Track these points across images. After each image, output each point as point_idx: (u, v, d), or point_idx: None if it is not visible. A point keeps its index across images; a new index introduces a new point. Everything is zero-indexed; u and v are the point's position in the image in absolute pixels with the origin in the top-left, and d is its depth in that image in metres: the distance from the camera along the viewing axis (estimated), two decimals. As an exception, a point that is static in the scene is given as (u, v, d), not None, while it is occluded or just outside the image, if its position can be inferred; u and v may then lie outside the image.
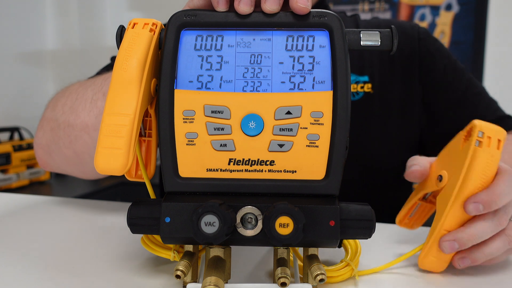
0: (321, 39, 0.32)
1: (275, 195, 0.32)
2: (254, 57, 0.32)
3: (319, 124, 0.32)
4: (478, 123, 0.38)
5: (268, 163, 0.32)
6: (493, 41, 1.61)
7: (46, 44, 2.22)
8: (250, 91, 0.32)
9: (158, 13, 2.31)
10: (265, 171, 0.32)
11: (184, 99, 0.32)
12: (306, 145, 0.32)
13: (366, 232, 0.31)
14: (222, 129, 0.32)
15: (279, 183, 0.32)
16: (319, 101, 0.32)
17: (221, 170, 0.32)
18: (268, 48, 0.32)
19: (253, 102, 0.32)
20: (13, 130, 1.87)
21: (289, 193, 0.32)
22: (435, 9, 1.70)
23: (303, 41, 0.32)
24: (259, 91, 0.32)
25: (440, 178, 0.39)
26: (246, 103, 0.32)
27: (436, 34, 1.65)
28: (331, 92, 0.32)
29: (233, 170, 0.32)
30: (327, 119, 0.32)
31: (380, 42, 0.33)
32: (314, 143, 0.32)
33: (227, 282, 0.33)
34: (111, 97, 0.30)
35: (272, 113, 0.32)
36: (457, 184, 0.37)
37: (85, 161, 0.56)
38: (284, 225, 0.28)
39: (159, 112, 0.32)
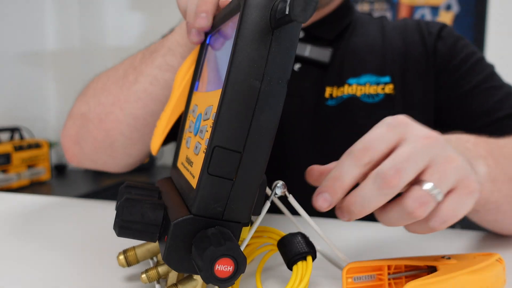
0: None
1: None
2: None
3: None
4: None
5: None
6: (493, 41, 1.61)
7: (46, 44, 2.22)
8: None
9: (158, 13, 2.31)
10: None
11: None
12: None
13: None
14: None
15: None
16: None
17: None
18: None
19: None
20: (13, 130, 1.88)
21: None
22: (434, 9, 1.70)
23: None
24: None
25: None
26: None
27: (436, 34, 1.65)
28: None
29: None
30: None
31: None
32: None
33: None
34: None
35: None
36: None
37: (116, 140, 0.55)
38: None
39: None
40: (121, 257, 0.35)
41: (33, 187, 1.82)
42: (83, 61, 2.26)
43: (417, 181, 0.29)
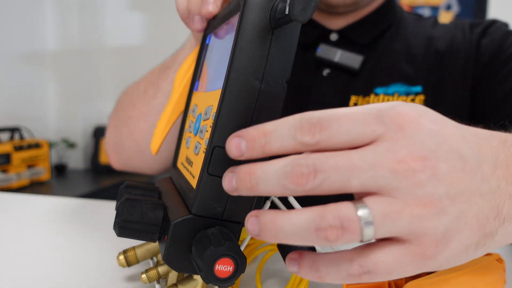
0: None
1: None
2: None
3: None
4: None
5: None
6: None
7: (46, 44, 2.22)
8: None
9: (158, 13, 2.31)
10: None
11: None
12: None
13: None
14: None
15: None
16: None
17: None
18: None
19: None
20: (13, 130, 1.88)
21: None
22: (434, 9, 1.70)
23: None
24: None
25: None
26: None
27: (436, 34, 1.66)
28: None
29: None
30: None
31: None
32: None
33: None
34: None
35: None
36: None
37: (145, 149, 0.60)
38: None
39: None
40: (121, 257, 0.35)
41: (33, 187, 1.82)
42: (83, 61, 2.26)
43: (358, 197, 0.21)
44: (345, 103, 0.61)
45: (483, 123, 0.52)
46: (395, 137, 0.20)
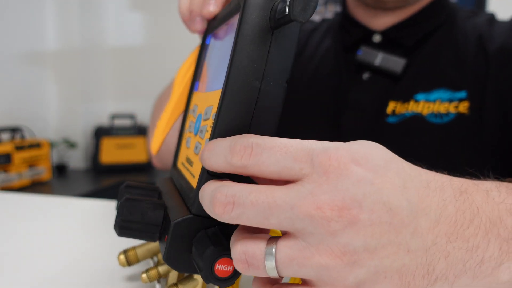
0: None
1: None
2: None
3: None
4: None
5: None
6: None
7: (47, 44, 2.22)
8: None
9: (158, 13, 2.31)
10: None
11: None
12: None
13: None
14: None
15: None
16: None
17: None
18: None
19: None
20: (14, 130, 1.88)
21: None
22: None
23: None
24: None
25: None
26: None
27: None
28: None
29: None
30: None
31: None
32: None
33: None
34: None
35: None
36: None
37: (167, 159, 0.63)
38: None
39: None
40: (122, 256, 0.35)
41: (34, 187, 1.82)
42: (84, 61, 2.26)
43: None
44: (383, 109, 0.57)
45: None
46: (319, 181, 0.19)
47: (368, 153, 0.20)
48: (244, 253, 0.21)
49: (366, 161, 0.20)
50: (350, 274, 0.19)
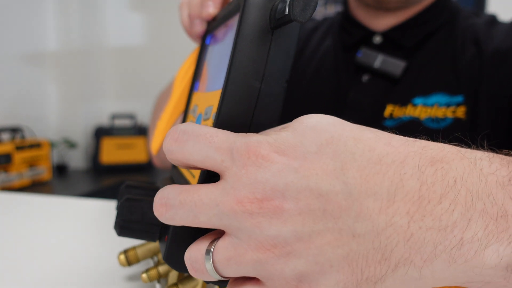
0: None
1: None
2: None
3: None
4: None
5: None
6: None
7: (47, 45, 2.22)
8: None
9: (158, 14, 2.31)
10: None
11: None
12: None
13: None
14: None
15: None
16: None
17: None
18: None
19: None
20: (14, 130, 1.88)
21: None
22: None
23: None
24: None
25: None
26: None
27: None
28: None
29: None
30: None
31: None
32: None
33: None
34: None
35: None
36: None
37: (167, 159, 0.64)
38: None
39: None
40: (122, 256, 0.35)
41: (34, 187, 1.82)
42: (84, 61, 2.26)
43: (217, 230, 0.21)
44: (380, 112, 0.57)
45: None
46: (239, 174, 0.19)
47: (299, 141, 0.19)
48: (189, 258, 0.21)
49: (294, 150, 0.19)
50: (286, 266, 0.18)
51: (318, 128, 0.20)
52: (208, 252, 0.20)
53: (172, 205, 0.20)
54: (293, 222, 0.18)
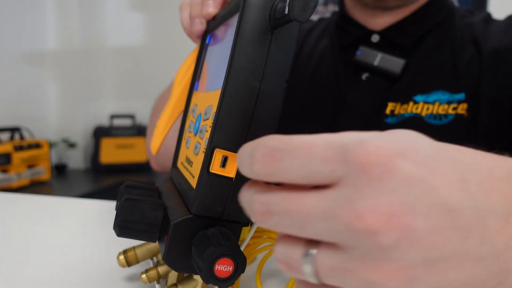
0: None
1: None
2: None
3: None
4: None
5: None
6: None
7: (47, 44, 2.22)
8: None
9: (158, 14, 2.31)
10: None
11: None
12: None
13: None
14: None
15: None
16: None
17: None
18: None
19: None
20: (14, 130, 1.88)
21: None
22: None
23: None
24: None
25: None
26: None
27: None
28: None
29: None
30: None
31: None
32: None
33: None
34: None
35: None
36: None
37: (166, 162, 0.62)
38: None
39: None
40: (121, 257, 0.35)
41: (33, 187, 1.82)
42: (84, 61, 2.26)
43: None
44: (382, 110, 0.57)
45: None
46: (357, 183, 0.16)
47: (414, 143, 0.16)
48: (283, 253, 0.18)
49: (414, 153, 0.16)
50: None
51: (420, 134, 0.18)
52: (307, 252, 0.17)
53: (275, 213, 0.18)
54: (423, 244, 0.15)
